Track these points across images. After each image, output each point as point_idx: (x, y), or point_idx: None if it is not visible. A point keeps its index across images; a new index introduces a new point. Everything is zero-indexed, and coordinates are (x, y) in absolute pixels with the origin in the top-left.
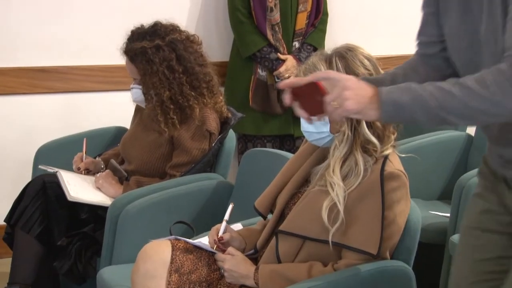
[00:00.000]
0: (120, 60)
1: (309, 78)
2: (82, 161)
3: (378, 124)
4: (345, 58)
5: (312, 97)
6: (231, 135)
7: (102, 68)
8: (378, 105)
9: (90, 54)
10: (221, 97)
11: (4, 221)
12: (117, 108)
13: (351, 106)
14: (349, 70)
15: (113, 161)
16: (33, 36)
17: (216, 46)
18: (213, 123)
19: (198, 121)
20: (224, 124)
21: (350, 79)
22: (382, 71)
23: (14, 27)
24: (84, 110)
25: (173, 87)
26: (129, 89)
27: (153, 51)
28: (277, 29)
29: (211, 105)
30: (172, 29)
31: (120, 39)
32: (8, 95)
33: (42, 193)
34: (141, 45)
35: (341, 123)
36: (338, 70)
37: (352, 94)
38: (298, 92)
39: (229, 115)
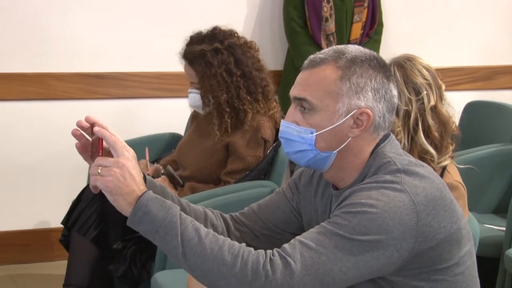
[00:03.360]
0: (174, 67)
1: (98, 131)
2: (147, 169)
3: (436, 134)
4: (404, 67)
5: (96, 152)
6: None
7: (157, 75)
8: (133, 203)
9: (145, 61)
10: (275, 103)
11: (61, 223)
12: (171, 115)
13: (109, 183)
14: (407, 79)
15: (169, 167)
16: (90, 43)
17: (270, 55)
18: (268, 131)
19: (252, 128)
20: (278, 132)
21: (131, 161)
22: (441, 82)
23: (72, 34)
24: (139, 116)
25: (230, 90)
26: (183, 96)
27: (212, 54)
28: (331, 39)
29: (264, 111)
30: (231, 34)
31: (175, 46)
32: (66, 100)
33: (98, 197)
34: (200, 48)
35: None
36: (396, 79)
37: (120, 175)
38: (93, 141)
39: None
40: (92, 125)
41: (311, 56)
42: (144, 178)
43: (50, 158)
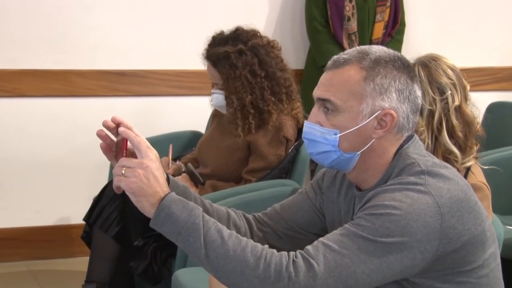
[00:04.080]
0: (195, 65)
1: (123, 132)
2: (169, 167)
3: (460, 134)
4: (428, 67)
5: (120, 153)
6: None
7: (178, 73)
8: (156, 204)
9: (166, 59)
10: (298, 103)
11: (83, 220)
12: (192, 113)
13: (132, 185)
14: (432, 79)
15: (190, 165)
16: (112, 40)
17: (291, 54)
18: (290, 130)
19: (275, 127)
20: (300, 131)
21: (155, 163)
22: (466, 82)
23: (94, 31)
24: (160, 114)
25: (255, 91)
26: (204, 94)
27: (236, 55)
28: (353, 38)
29: (288, 111)
30: (254, 34)
31: (197, 44)
32: (88, 97)
33: (120, 194)
34: (224, 50)
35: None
36: (420, 79)
37: (143, 176)
38: (118, 142)
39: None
40: (118, 125)
41: (335, 57)
42: (167, 179)
43: (72, 154)
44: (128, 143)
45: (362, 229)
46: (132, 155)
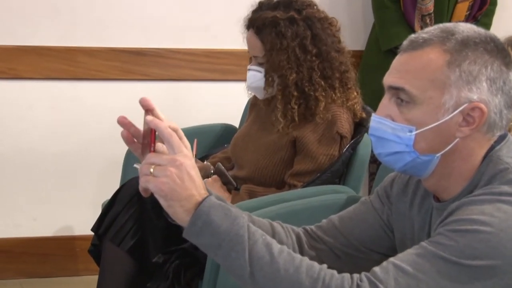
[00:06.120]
0: (229, 43)
1: (151, 122)
2: None
3: None
4: None
5: (148, 145)
6: (366, 140)
7: (207, 53)
8: (192, 210)
9: (193, 36)
10: (355, 94)
11: (91, 230)
12: (224, 102)
13: (163, 186)
14: None
15: (220, 165)
16: (127, 13)
17: (348, 31)
18: (345, 124)
19: (326, 121)
20: (358, 127)
21: (190, 159)
22: None
23: (106, 2)
24: (184, 102)
25: (302, 70)
26: (239, 80)
27: (286, 23)
28: (427, 20)
29: (342, 101)
30: (310, 4)
31: (230, 18)
32: (97, 81)
33: (137, 199)
34: (272, 15)
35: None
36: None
37: (176, 176)
38: (145, 132)
39: (364, 115)
40: (147, 111)
41: (412, 36)
42: None
43: (78, 149)
44: (194, 147)
45: (443, 249)
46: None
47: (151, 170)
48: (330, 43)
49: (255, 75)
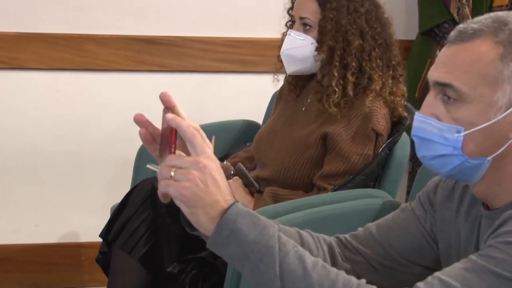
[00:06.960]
0: (251, 32)
1: (172, 120)
2: None
3: None
4: None
5: (168, 146)
6: (404, 139)
7: (227, 42)
8: (217, 218)
9: (211, 23)
10: (404, 90)
11: (100, 236)
12: (246, 96)
13: (185, 191)
14: None
15: (241, 165)
16: None
17: (399, 19)
18: (381, 121)
19: (361, 115)
20: (396, 125)
21: (215, 162)
22: None
23: None
24: (202, 96)
25: (366, 37)
26: (262, 71)
27: None
28: (464, 1)
29: (389, 92)
30: None
31: (252, 5)
32: (107, 72)
33: (150, 203)
34: None
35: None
36: None
37: (200, 180)
38: (164, 131)
39: (404, 113)
40: (167, 108)
41: (461, 26)
42: None
43: (85, 147)
44: (212, 144)
45: (495, 263)
46: (183, 148)
47: (172, 173)
48: (388, 30)
49: (295, 41)
